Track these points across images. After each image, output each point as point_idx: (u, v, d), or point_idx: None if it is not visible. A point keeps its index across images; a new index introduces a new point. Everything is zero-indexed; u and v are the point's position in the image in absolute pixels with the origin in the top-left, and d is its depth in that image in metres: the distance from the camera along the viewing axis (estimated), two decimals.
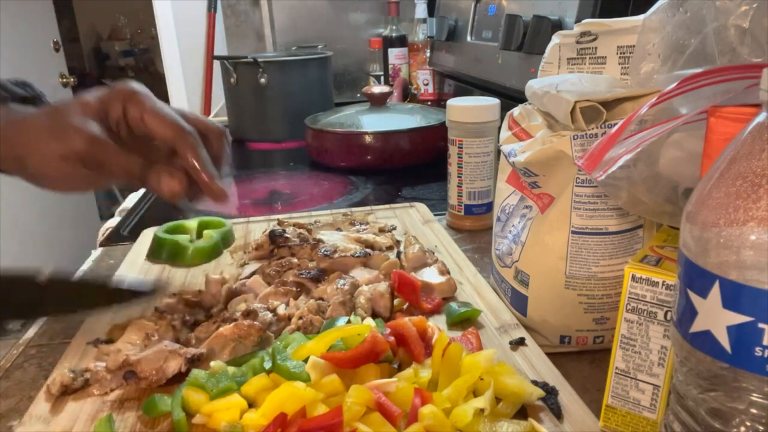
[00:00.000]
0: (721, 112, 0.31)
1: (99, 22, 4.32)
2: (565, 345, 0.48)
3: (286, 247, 0.60)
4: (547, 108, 0.46)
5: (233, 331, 0.45)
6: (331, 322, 0.49)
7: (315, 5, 1.68)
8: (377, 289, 0.53)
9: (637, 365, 0.36)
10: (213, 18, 2.16)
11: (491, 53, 1.07)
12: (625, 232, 0.44)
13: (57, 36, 2.72)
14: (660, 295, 0.34)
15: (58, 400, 0.43)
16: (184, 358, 0.44)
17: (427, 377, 0.40)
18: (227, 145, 0.55)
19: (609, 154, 0.36)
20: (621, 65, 0.48)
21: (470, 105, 0.69)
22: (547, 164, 0.44)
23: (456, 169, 0.72)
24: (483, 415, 0.36)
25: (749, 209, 0.24)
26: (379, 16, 1.69)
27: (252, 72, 1.25)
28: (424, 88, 1.54)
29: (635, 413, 0.37)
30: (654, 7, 0.40)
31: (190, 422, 0.39)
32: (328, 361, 0.40)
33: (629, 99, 0.41)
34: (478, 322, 0.51)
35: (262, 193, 0.98)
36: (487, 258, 0.67)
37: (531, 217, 0.48)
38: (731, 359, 0.25)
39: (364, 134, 1.01)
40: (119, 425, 0.40)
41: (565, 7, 0.83)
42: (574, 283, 0.46)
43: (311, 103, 1.28)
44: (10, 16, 2.29)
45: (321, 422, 0.35)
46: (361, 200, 0.89)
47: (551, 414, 0.39)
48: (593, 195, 0.44)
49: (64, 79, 2.71)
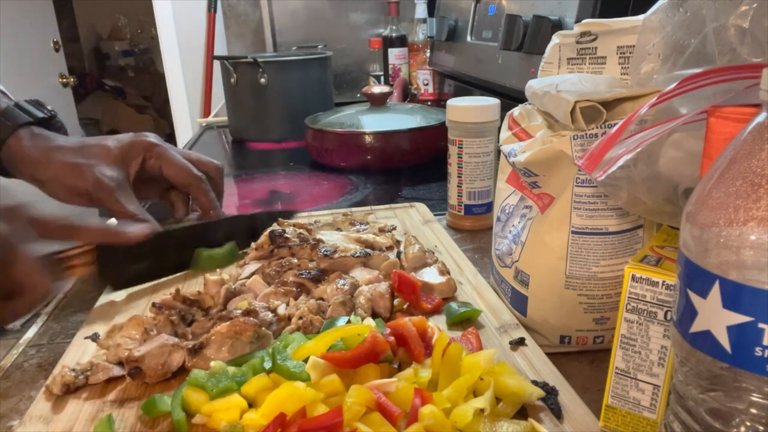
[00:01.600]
0: (721, 112, 0.31)
1: (99, 22, 4.31)
2: (565, 345, 0.48)
3: (286, 247, 0.60)
4: (547, 108, 0.46)
5: (230, 328, 0.45)
6: (331, 322, 0.49)
7: (315, 5, 1.68)
8: (377, 289, 0.53)
9: (637, 365, 0.36)
10: (213, 18, 2.15)
11: (491, 53, 1.07)
12: (625, 232, 0.44)
13: (57, 36, 2.72)
14: (660, 295, 0.34)
15: (58, 400, 0.43)
16: (185, 350, 0.45)
17: (427, 377, 0.40)
18: (223, 178, 0.69)
19: (609, 154, 0.36)
20: (621, 65, 0.48)
21: (470, 105, 0.69)
22: (547, 164, 0.44)
23: (456, 169, 0.72)
24: (483, 415, 0.36)
25: (749, 209, 0.24)
26: (379, 16, 1.69)
27: (252, 72, 1.25)
28: (424, 88, 1.54)
29: (635, 413, 0.37)
30: (654, 7, 0.40)
31: (190, 422, 0.39)
32: (328, 361, 0.40)
33: (629, 99, 0.41)
34: (478, 322, 0.51)
35: (262, 193, 0.98)
36: (487, 258, 0.67)
37: (531, 217, 0.48)
38: (731, 359, 0.25)
39: (364, 134, 1.01)
40: (119, 425, 0.40)
41: (565, 7, 0.83)
42: (574, 283, 0.46)
43: (311, 103, 1.28)
44: (10, 16, 2.29)
45: (321, 422, 0.35)
46: (361, 200, 0.89)
47: (551, 414, 0.39)
48: (593, 195, 0.44)
49: (64, 79, 2.71)
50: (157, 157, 0.61)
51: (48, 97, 2.61)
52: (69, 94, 2.80)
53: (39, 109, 0.65)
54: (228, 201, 0.84)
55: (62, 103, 2.69)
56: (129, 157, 0.60)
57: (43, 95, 2.75)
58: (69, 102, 2.81)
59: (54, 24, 2.73)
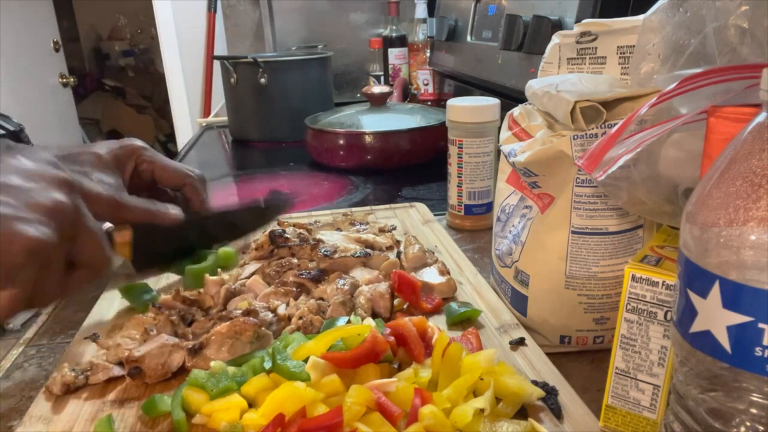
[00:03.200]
0: (721, 112, 0.31)
1: (99, 22, 4.31)
2: (565, 345, 0.48)
3: (286, 248, 0.60)
4: (547, 108, 0.46)
5: (230, 328, 0.45)
6: (331, 322, 0.49)
7: (315, 5, 1.68)
8: (377, 290, 0.53)
9: (637, 365, 0.36)
10: (213, 18, 2.15)
11: (491, 53, 1.07)
12: (625, 232, 0.44)
13: (57, 36, 2.72)
14: (660, 295, 0.34)
15: (58, 400, 0.43)
16: (185, 350, 0.45)
17: (427, 377, 0.40)
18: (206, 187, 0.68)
19: (609, 154, 0.36)
20: (621, 65, 0.48)
21: (470, 105, 0.69)
22: (547, 164, 0.44)
23: (456, 169, 0.72)
24: (483, 415, 0.36)
25: (749, 209, 0.24)
26: (379, 16, 1.69)
27: (252, 72, 1.25)
28: (424, 88, 1.54)
29: (635, 413, 0.37)
30: (654, 7, 0.40)
31: (190, 422, 0.39)
32: (328, 361, 0.40)
33: (629, 99, 0.41)
34: (478, 322, 0.51)
35: (262, 193, 0.98)
36: (487, 258, 0.67)
37: (531, 217, 0.48)
38: (731, 359, 0.25)
39: (364, 134, 1.01)
40: (119, 425, 0.40)
41: (565, 7, 0.83)
42: (574, 283, 0.46)
43: (311, 103, 1.28)
44: (10, 16, 2.29)
45: (321, 422, 0.35)
46: (361, 200, 0.89)
47: (551, 414, 0.39)
48: (593, 195, 0.44)
49: (64, 79, 2.71)
50: (149, 161, 0.60)
51: (48, 97, 2.62)
52: (69, 94, 2.80)
53: (7, 121, 0.65)
54: (228, 201, 0.84)
55: (62, 103, 2.70)
56: (122, 162, 0.59)
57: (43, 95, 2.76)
58: (69, 102, 2.81)
59: (54, 24, 2.73)
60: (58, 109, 2.61)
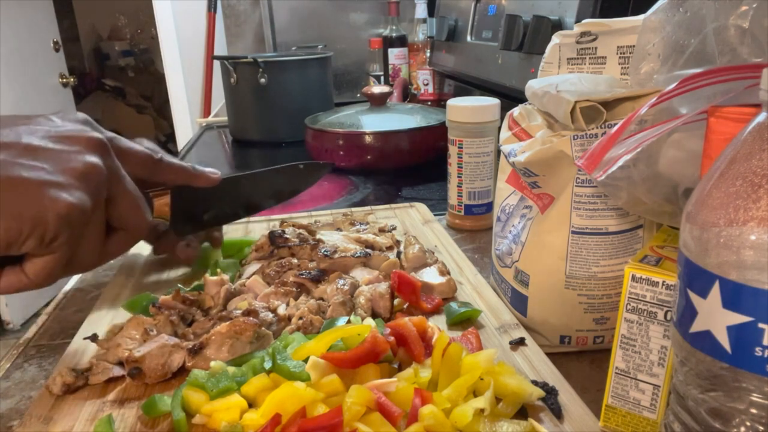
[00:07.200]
0: (721, 112, 0.31)
1: (99, 22, 4.31)
2: (565, 345, 0.48)
3: (286, 248, 0.60)
4: (547, 108, 0.46)
5: (230, 328, 0.45)
6: (331, 322, 0.49)
7: (315, 5, 1.68)
8: (377, 290, 0.53)
9: (637, 365, 0.36)
10: (213, 18, 2.16)
11: (491, 53, 1.07)
12: (625, 232, 0.44)
13: (57, 36, 2.72)
14: (660, 295, 0.34)
15: (58, 400, 0.43)
16: (186, 350, 0.45)
17: (427, 377, 0.40)
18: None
19: (609, 154, 0.36)
20: (621, 65, 0.48)
21: (470, 105, 0.69)
22: (547, 164, 0.44)
23: (456, 169, 0.72)
24: (483, 415, 0.36)
25: (749, 209, 0.24)
26: (379, 16, 1.69)
27: (252, 72, 1.25)
28: (424, 88, 1.54)
29: (635, 413, 0.37)
30: (654, 7, 0.40)
31: (190, 422, 0.39)
32: (328, 361, 0.40)
33: (629, 99, 0.41)
34: (478, 322, 0.51)
35: None
36: (487, 258, 0.67)
37: (531, 217, 0.48)
38: (731, 359, 0.25)
39: (364, 134, 1.01)
40: (119, 425, 0.40)
41: (565, 7, 0.83)
42: (574, 283, 0.46)
43: (311, 103, 1.28)
44: (10, 16, 2.29)
45: (321, 422, 0.35)
46: (361, 200, 0.89)
47: (551, 414, 0.39)
48: (593, 195, 0.44)
49: (64, 79, 2.71)
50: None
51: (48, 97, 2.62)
52: (69, 94, 2.80)
53: None
54: None
55: (62, 103, 2.70)
56: None
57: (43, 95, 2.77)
58: (69, 102, 2.81)
59: (54, 24, 2.73)
60: (58, 109, 2.62)
